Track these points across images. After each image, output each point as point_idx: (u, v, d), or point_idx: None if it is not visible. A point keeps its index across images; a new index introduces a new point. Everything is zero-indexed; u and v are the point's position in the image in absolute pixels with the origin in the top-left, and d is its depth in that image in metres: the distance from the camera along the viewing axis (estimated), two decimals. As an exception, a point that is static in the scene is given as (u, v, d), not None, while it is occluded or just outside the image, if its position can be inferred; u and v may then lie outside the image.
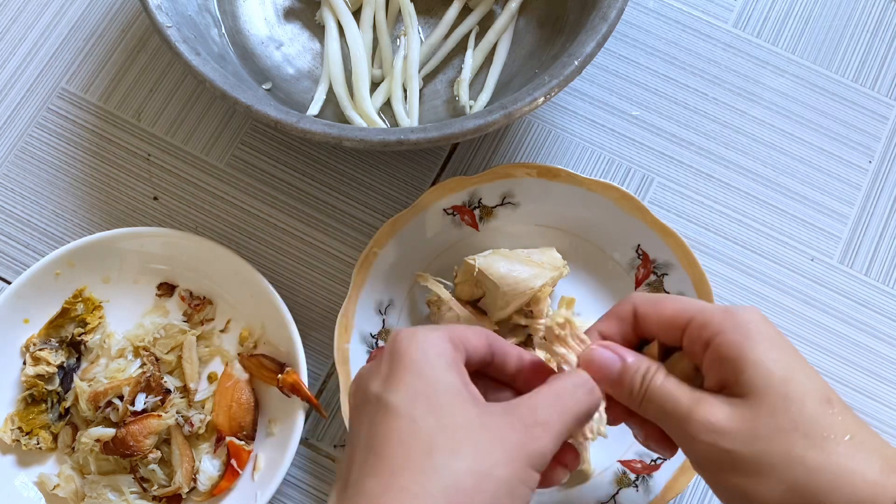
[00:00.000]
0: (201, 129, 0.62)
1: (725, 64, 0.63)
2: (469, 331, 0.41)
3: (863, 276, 0.59)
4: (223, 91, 0.50)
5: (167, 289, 0.58)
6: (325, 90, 0.60)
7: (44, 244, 0.60)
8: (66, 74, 0.63)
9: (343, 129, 0.49)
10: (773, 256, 0.59)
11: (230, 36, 0.61)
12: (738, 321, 0.39)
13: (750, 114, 0.62)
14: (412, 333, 0.39)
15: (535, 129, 0.62)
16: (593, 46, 0.51)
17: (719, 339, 0.38)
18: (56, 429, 0.54)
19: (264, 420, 0.55)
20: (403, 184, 0.61)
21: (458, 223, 0.57)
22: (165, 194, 0.61)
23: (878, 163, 0.61)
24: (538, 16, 0.62)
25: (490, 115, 0.49)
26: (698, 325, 0.39)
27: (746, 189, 0.61)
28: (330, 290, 0.59)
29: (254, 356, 0.55)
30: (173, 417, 0.53)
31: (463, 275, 0.54)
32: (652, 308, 0.42)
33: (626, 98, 0.63)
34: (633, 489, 0.52)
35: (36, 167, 0.61)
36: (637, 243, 0.56)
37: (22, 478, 0.54)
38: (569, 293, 0.55)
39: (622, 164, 0.61)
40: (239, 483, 0.53)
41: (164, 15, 0.53)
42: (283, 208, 0.60)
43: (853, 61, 0.63)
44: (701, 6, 0.65)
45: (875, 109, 0.62)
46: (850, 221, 0.60)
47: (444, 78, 0.61)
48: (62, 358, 0.55)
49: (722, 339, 0.38)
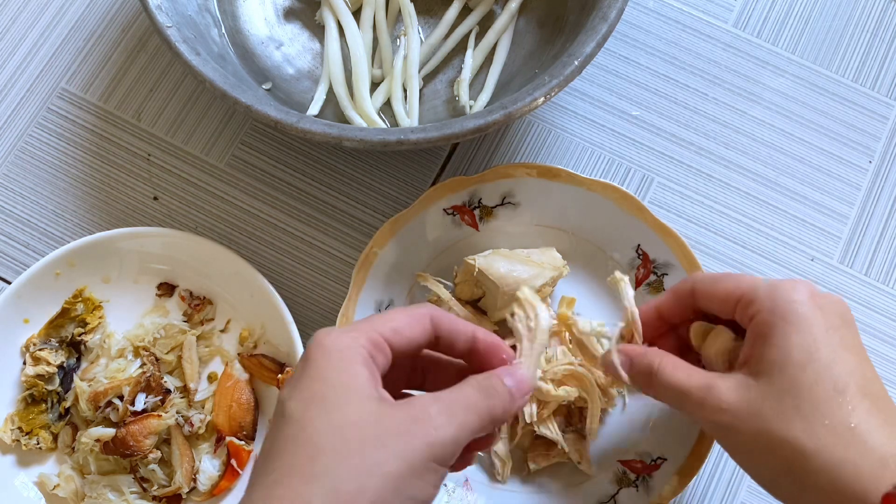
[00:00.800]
0: (201, 129, 0.62)
1: (725, 64, 0.63)
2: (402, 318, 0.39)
3: (863, 276, 0.59)
4: (223, 91, 0.50)
5: (167, 289, 0.58)
6: (325, 90, 0.60)
7: (44, 244, 0.60)
8: (66, 74, 0.63)
9: (343, 129, 0.49)
10: (773, 256, 0.59)
11: (230, 36, 0.61)
12: (777, 300, 0.40)
13: (750, 114, 0.62)
14: (324, 335, 0.37)
15: (535, 129, 0.62)
16: (593, 46, 0.51)
17: (758, 317, 0.40)
18: (56, 429, 0.54)
19: (264, 420, 0.55)
20: (403, 184, 0.61)
21: (458, 223, 0.57)
22: (165, 194, 0.61)
23: (878, 163, 0.61)
24: (538, 16, 0.62)
25: (490, 115, 0.49)
26: (746, 301, 0.41)
27: (746, 189, 0.61)
28: (330, 290, 0.59)
29: (254, 356, 0.55)
30: (173, 417, 0.53)
31: (463, 275, 0.54)
32: (710, 286, 0.44)
33: (626, 98, 0.63)
34: (633, 489, 0.52)
35: (36, 167, 0.61)
36: (637, 243, 0.56)
37: (22, 478, 0.54)
38: (569, 293, 0.55)
39: (622, 164, 0.61)
40: (239, 483, 0.53)
41: (164, 15, 0.53)
42: (283, 208, 0.60)
43: (853, 61, 0.63)
44: (701, 6, 0.65)
45: (875, 109, 0.62)
46: (850, 221, 0.60)
47: (444, 78, 0.61)
48: (62, 358, 0.55)
49: (759, 318, 0.40)
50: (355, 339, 0.37)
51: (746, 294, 0.42)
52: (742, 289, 0.42)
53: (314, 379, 0.36)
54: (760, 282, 0.42)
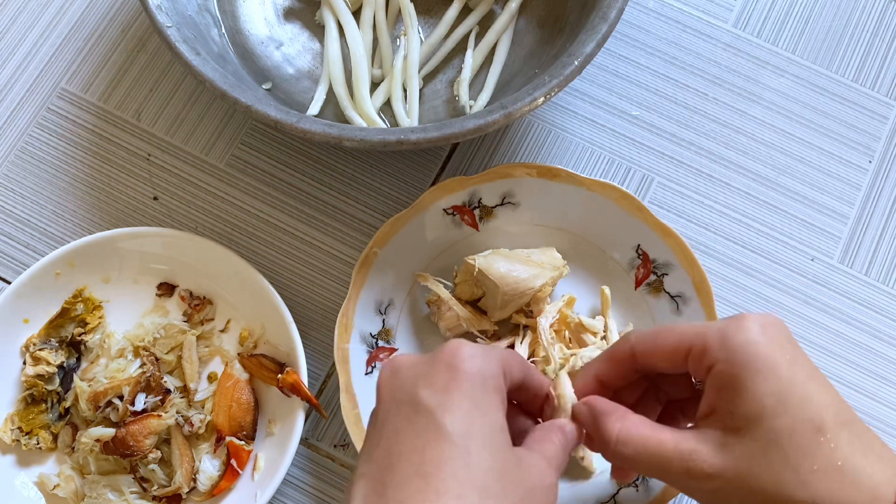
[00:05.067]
0: (201, 129, 0.62)
1: (725, 64, 0.63)
2: (514, 360, 0.40)
3: (863, 276, 0.59)
4: (223, 91, 0.50)
5: (167, 289, 0.58)
6: (325, 90, 0.60)
7: (44, 244, 0.60)
8: (66, 74, 0.63)
9: (343, 129, 0.49)
10: (773, 256, 0.59)
11: (230, 36, 0.61)
12: (733, 348, 0.38)
13: (750, 114, 0.62)
14: (475, 354, 0.38)
15: (535, 129, 0.62)
16: (593, 46, 0.51)
17: (717, 368, 0.38)
18: (56, 429, 0.54)
19: (264, 420, 0.55)
20: (403, 184, 0.61)
21: (458, 223, 0.57)
22: (165, 194, 0.61)
23: (878, 163, 0.61)
24: (538, 16, 0.62)
25: (490, 115, 0.49)
26: (698, 352, 0.39)
27: (746, 189, 0.61)
28: (330, 290, 0.59)
29: (254, 356, 0.55)
30: (173, 417, 0.53)
31: (463, 275, 0.54)
32: (650, 344, 0.41)
33: (626, 98, 0.63)
34: (633, 489, 0.52)
35: (36, 167, 0.61)
36: (637, 243, 0.56)
37: (22, 478, 0.54)
38: (569, 293, 0.55)
39: (622, 164, 0.61)
40: (239, 483, 0.53)
41: (164, 15, 0.53)
42: (283, 208, 0.60)
43: (853, 61, 0.63)
44: (701, 6, 0.65)
45: (875, 109, 0.62)
46: (850, 221, 0.60)
47: (444, 78, 0.61)
48: (62, 358, 0.55)
49: (718, 369, 0.38)
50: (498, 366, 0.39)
51: (695, 345, 0.39)
52: (688, 340, 0.39)
53: (472, 403, 0.37)
54: (706, 329, 0.39)
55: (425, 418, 0.36)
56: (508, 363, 0.40)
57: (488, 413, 0.37)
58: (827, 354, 0.58)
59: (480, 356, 0.38)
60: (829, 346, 0.58)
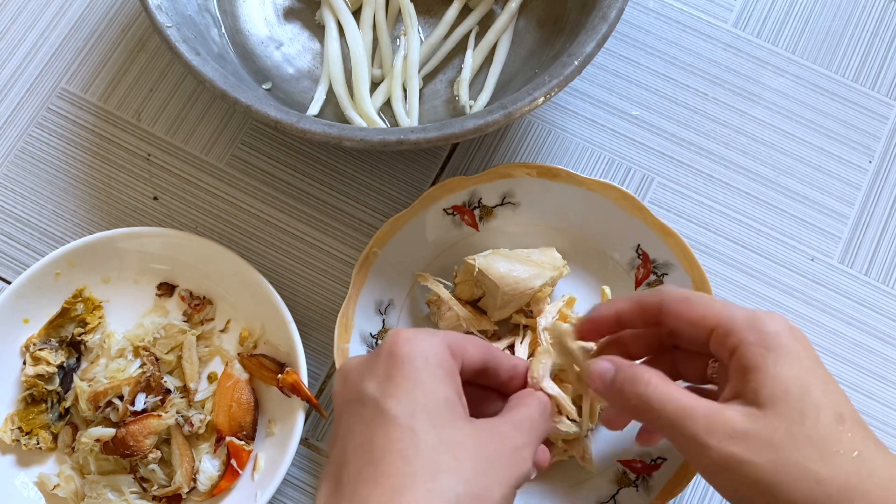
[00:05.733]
0: (201, 129, 0.62)
1: (725, 64, 0.63)
2: (468, 340, 0.41)
3: (863, 276, 0.59)
4: (223, 91, 0.50)
5: (167, 289, 0.58)
6: (325, 90, 0.60)
7: (44, 244, 0.60)
8: (66, 74, 0.63)
9: (343, 129, 0.49)
10: (773, 256, 0.59)
11: (230, 36, 0.61)
12: (763, 333, 0.39)
13: (750, 114, 0.62)
14: (412, 336, 0.39)
15: (535, 129, 0.62)
16: (593, 46, 0.51)
17: (742, 349, 0.39)
18: (56, 429, 0.54)
19: (264, 420, 0.55)
20: (403, 184, 0.61)
21: (458, 223, 0.57)
22: (165, 194, 0.61)
23: (878, 163, 0.61)
24: (538, 16, 0.62)
25: (490, 115, 0.49)
26: (724, 332, 0.40)
27: (746, 189, 0.61)
28: (330, 290, 0.59)
29: (254, 356, 0.55)
30: (173, 417, 0.53)
31: (463, 275, 0.54)
32: (680, 305, 0.42)
33: (626, 98, 0.63)
34: (633, 489, 0.52)
35: (36, 167, 0.61)
36: (637, 243, 0.56)
37: (22, 478, 0.54)
38: (569, 293, 0.55)
39: (622, 164, 0.61)
40: (239, 483, 0.53)
41: (164, 15, 0.53)
42: (283, 208, 0.60)
43: (853, 61, 0.63)
44: (701, 6, 0.65)
45: (875, 109, 0.62)
46: (850, 221, 0.60)
47: (444, 78, 0.61)
48: (62, 358, 0.55)
49: (744, 350, 0.39)
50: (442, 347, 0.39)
51: (722, 324, 0.40)
52: (716, 317, 0.40)
53: (413, 384, 0.37)
54: (735, 310, 0.40)
55: (371, 409, 0.37)
56: (458, 342, 0.40)
57: (432, 390, 0.37)
58: (827, 354, 0.58)
59: (418, 338, 0.39)
60: (829, 346, 0.58)
